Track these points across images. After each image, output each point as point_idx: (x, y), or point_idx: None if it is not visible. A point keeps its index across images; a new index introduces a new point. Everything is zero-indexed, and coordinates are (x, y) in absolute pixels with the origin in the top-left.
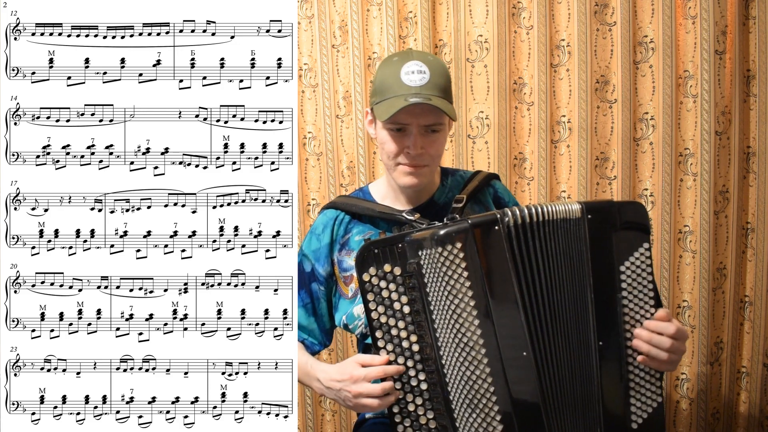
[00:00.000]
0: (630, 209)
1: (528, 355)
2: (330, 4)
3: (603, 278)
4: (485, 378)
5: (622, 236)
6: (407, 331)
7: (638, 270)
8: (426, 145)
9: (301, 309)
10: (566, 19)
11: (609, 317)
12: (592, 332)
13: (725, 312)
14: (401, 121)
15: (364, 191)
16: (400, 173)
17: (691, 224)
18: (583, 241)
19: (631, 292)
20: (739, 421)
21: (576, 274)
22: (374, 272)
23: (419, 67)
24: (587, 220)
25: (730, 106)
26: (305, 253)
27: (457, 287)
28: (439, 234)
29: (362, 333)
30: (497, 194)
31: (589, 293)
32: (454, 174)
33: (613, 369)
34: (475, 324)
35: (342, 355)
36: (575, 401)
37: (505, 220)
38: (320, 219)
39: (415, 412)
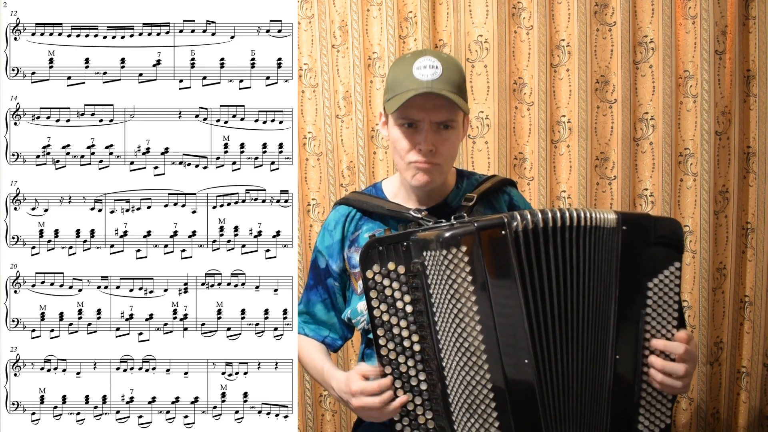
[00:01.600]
0: (666, 225)
1: (530, 362)
2: (330, 4)
3: (629, 292)
4: (485, 384)
5: (654, 252)
6: (409, 331)
7: (666, 288)
8: (438, 142)
9: (320, 305)
10: (566, 19)
11: (630, 332)
12: (610, 345)
13: (725, 312)
14: (412, 116)
15: (377, 187)
16: (412, 171)
17: (691, 224)
18: (614, 252)
19: (655, 310)
20: (739, 421)
21: (601, 284)
22: (378, 270)
23: (432, 62)
24: (622, 231)
25: (730, 106)
26: (319, 250)
27: (461, 291)
28: (444, 236)
29: (365, 328)
30: (513, 202)
31: (613, 305)
32: (470, 177)
33: (626, 384)
34: (477, 329)
35: (342, 353)
36: (581, 412)
37: (513, 224)
38: (332, 215)
39: (414, 411)
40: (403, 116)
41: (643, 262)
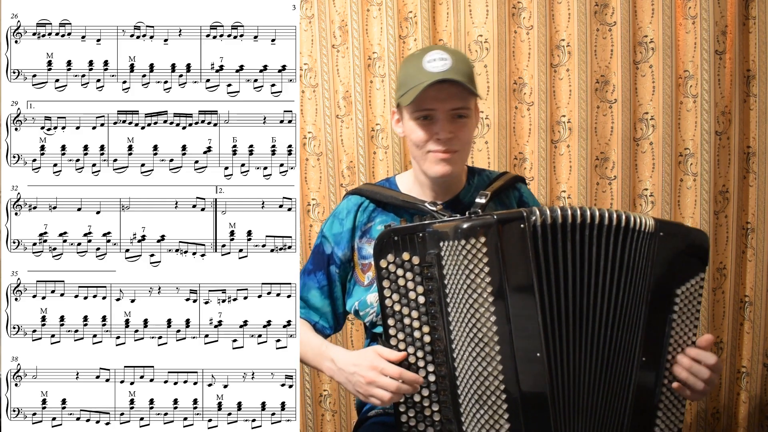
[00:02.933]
0: (696, 236)
1: (541, 356)
2: (330, 4)
3: (660, 296)
4: (497, 375)
5: (684, 260)
6: (420, 322)
7: (691, 297)
8: (455, 129)
9: (317, 290)
10: (566, 19)
11: (657, 336)
12: (638, 346)
13: (725, 312)
14: (427, 106)
15: (390, 181)
16: (432, 162)
17: (691, 224)
18: (649, 257)
19: (680, 317)
20: (739, 421)
21: (633, 286)
22: (392, 259)
23: (441, 55)
24: (659, 237)
25: (730, 106)
26: (325, 235)
27: (477, 282)
28: (463, 227)
29: (372, 321)
30: (522, 198)
31: (644, 308)
32: (481, 173)
33: (649, 386)
34: (491, 320)
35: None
36: (593, 409)
37: (532, 218)
38: (344, 204)
39: (420, 403)
40: (418, 108)
41: (674, 270)
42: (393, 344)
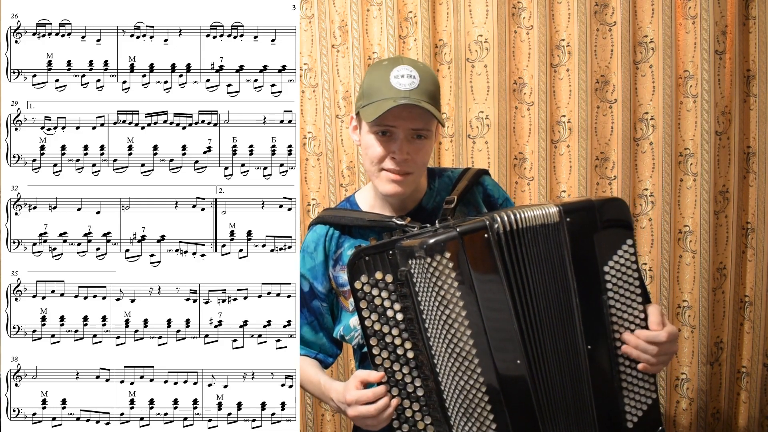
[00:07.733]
0: (610, 207)
1: (522, 362)
2: (330, 4)
3: (586, 281)
4: (479, 387)
5: (603, 235)
6: (401, 338)
7: (623, 268)
8: (412, 151)
9: (307, 327)
10: (566, 19)
11: (596, 320)
12: (579, 337)
13: (725, 312)
14: (389, 123)
15: (350, 201)
16: (384, 180)
17: (691, 224)
18: (563, 246)
19: (617, 292)
20: (739, 421)
21: (559, 279)
22: (366, 280)
23: (409, 71)
24: (566, 224)
25: (730, 106)
26: (302, 273)
27: (448, 297)
28: (428, 243)
29: (359, 344)
30: (487, 192)
31: (574, 298)
32: (441, 175)
33: (604, 372)
34: (467, 334)
35: (342, 362)
36: (568, 406)
37: (495, 226)
38: (310, 236)
39: (412, 417)
40: (379, 123)
41: (594, 249)
42: (378, 363)
